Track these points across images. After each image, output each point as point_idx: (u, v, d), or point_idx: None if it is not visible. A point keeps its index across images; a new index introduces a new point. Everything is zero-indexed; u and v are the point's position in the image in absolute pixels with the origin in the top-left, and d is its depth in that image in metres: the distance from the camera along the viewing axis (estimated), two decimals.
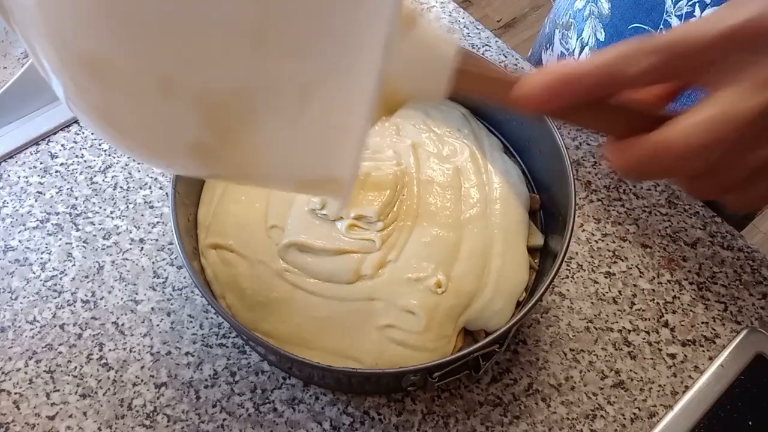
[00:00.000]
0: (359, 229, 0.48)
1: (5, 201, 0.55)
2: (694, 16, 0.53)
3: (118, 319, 0.50)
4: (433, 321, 0.45)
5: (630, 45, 0.25)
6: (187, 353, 0.48)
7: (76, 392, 0.46)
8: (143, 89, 0.24)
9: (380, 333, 0.45)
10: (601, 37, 0.63)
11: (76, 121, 0.60)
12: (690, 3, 0.53)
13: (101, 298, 0.51)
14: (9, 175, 0.57)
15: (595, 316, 0.52)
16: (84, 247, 0.53)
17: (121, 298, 0.51)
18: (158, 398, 0.47)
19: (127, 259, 0.53)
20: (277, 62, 0.24)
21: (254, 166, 0.28)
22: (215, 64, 0.23)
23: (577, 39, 0.67)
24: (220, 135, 0.26)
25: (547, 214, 0.53)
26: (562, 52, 0.70)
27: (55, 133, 0.59)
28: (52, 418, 0.45)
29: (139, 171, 0.58)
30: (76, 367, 0.48)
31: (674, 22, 0.55)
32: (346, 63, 0.24)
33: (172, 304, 0.51)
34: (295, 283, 0.47)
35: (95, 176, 0.57)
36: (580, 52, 0.66)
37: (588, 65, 0.25)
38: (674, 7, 0.54)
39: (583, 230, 0.57)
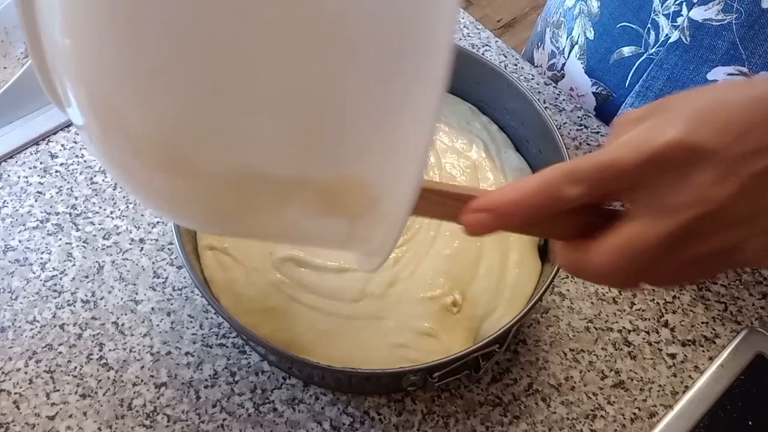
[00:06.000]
0: None
1: (5, 201, 0.55)
2: (681, 15, 0.52)
3: (118, 319, 0.50)
4: (455, 342, 0.44)
5: (564, 170, 0.26)
6: (187, 353, 0.48)
7: (76, 392, 0.46)
8: (220, 180, 0.25)
9: (391, 351, 0.44)
10: (591, 35, 0.62)
11: None
12: (677, 2, 0.52)
13: (101, 298, 0.51)
14: (9, 175, 0.57)
15: (595, 316, 0.52)
16: (84, 247, 0.53)
17: (121, 298, 0.51)
18: (158, 398, 0.46)
19: (127, 259, 0.53)
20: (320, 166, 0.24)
21: (289, 235, 0.31)
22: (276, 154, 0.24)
23: (567, 37, 0.67)
24: (255, 211, 0.27)
25: None
26: (552, 50, 0.70)
27: (55, 133, 0.59)
28: (52, 418, 0.45)
29: None
30: (76, 367, 0.48)
31: (662, 21, 0.54)
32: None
33: (172, 304, 0.51)
34: (292, 296, 0.45)
35: (95, 176, 0.57)
36: (570, 50, 0.66)
37: (527, 190, 0.26)
38: (662, 6, 0.54)
39: None
